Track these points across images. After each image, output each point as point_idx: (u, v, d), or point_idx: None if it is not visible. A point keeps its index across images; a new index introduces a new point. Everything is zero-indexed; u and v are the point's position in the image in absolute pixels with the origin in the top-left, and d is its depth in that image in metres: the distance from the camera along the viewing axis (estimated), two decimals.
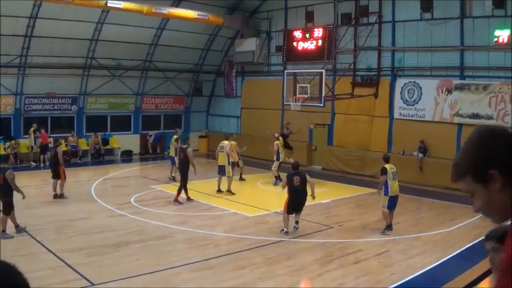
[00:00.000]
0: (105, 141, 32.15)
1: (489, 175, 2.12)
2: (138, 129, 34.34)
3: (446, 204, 20.07)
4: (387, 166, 16.08)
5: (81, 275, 11.36)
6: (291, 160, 20.84)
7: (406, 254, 13.69)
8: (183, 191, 19.49)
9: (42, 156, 28.02)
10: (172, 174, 24.32)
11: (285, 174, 18.61)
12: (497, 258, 3.20)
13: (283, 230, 15.47)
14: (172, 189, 21.99)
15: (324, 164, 28.25)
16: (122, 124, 33.76)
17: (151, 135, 33.76)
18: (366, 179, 24.88)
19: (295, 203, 15.71)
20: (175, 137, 24.58)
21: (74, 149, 30.08)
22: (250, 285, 11.26)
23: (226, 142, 22.15)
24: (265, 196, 21.50)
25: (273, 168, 24.03)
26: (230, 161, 21.75)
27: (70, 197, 19.74)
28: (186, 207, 18.84)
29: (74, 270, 11.66)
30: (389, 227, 16.00)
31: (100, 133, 31.57)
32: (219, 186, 21.57)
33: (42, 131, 28.38)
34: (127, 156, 32.73)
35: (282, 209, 15.87)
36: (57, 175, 19.69)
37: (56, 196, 19.58)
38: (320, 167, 28.30)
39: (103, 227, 15.68)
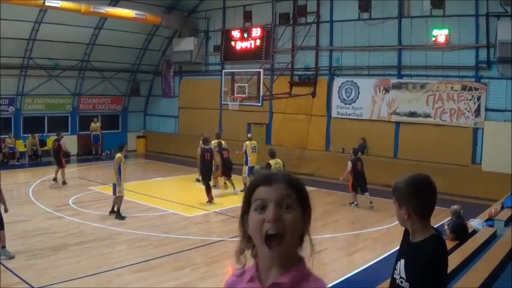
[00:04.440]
0: (43, 143, 31.48)
1: None
2: (76, 130, 33.58)
3: (385, 201, 20.21)
4: (272, 162, 17.76)
5: (21, 279, 11.02)
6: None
7: (346, 251, 13.80)
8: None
9: None
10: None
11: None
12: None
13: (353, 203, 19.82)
14: (110, 190, 21.75)
15: (262, 163, 28.24)
16: (59, 125, 32.88)
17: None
18: (304, 178, 24.90)
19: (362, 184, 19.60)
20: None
21: (11, 151, 29.40)
22: (191, 285, 11.15)
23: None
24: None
25: (242, 175, 22.67)
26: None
27: (9, 199, 19.23)
28: (124, 208, 18.54)
29: (15, 274, 11.29)
30: None
31: (37, 134, 30.88)
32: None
33: None
34: (65, 158, 32.02)
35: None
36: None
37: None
38: (258, 166, 28.27)
39: (42, 230, 15.27)
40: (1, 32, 26.24)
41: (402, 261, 3.88)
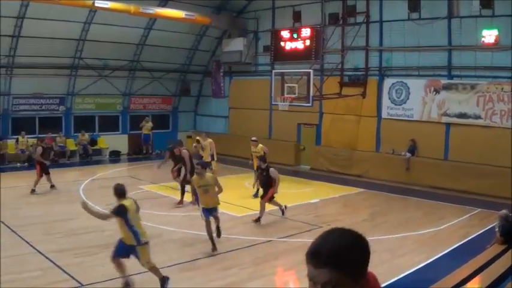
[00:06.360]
0: (93, 141, 32.02)
1: None
2: (126, 129, 34.24)
3: (433, 203, 20.16)
4: (126, 203, 11.85)
5: (70, 275, 11.30)
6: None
7: (394, 254, 13.67)
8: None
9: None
10: None
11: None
12: None
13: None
14: (159, 189, 22.03)
15: (312, 163, 28.24)
16: (109, 124, 33.62)
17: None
18: (353, 179, 24.94)
19: None
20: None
21: (62, 149, 29.98)
22: (238, 285, 11.22)
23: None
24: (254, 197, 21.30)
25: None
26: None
27: (58, 198, 19.70)
28: (173, 208, 18.75)
29: (63, 271, 11.60)
30: None
31: (88, 133, 31.46)
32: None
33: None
34: (115, 157, 32.62)
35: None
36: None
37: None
38: (308, 166, 28.32)
39: (91, 228, 15.44)
40: (51, 32, 26.96)
41: None
